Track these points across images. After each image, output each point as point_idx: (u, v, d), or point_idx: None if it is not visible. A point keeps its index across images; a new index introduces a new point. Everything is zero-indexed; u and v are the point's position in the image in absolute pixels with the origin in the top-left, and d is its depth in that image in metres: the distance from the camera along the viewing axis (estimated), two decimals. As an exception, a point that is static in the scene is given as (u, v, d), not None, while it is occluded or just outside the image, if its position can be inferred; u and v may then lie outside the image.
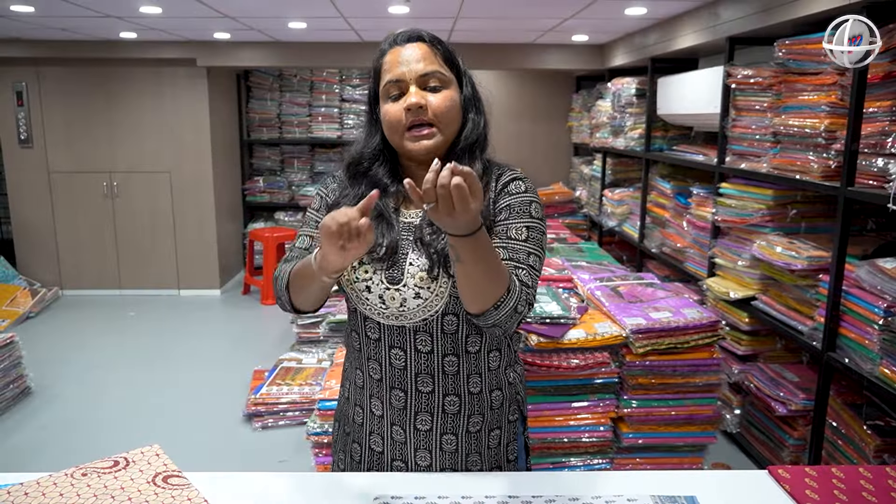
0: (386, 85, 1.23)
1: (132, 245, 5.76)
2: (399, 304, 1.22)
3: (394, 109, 1.22)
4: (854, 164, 2.26)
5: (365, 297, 1.24)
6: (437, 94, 1.22)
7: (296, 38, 5.02)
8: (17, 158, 5.56)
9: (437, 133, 1.22)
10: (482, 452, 1.32)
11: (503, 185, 1.28)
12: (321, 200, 1.34)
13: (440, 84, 1.23)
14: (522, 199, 1.26)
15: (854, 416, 2.42)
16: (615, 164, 5.02)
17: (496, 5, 3.62)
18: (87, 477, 1.15)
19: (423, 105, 1.20)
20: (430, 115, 1.21)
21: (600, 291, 2.66)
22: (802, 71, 2.59)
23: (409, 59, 1.22)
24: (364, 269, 1.24)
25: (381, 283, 1.23)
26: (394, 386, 1.27)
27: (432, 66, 1.22)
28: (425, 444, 1.29)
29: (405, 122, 1.21)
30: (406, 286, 1.22)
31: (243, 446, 3.25)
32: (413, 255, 1.24)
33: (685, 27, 3.63)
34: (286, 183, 6.58)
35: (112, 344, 4.64)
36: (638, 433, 2.37)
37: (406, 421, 1.28)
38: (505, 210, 1.25)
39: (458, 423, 1.29)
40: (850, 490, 1.20)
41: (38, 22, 4.21)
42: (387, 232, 1.25)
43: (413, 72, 1.21)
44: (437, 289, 1.22)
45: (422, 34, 1.25)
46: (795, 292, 2.66)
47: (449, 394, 1.27)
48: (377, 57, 1.28)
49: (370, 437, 1.32)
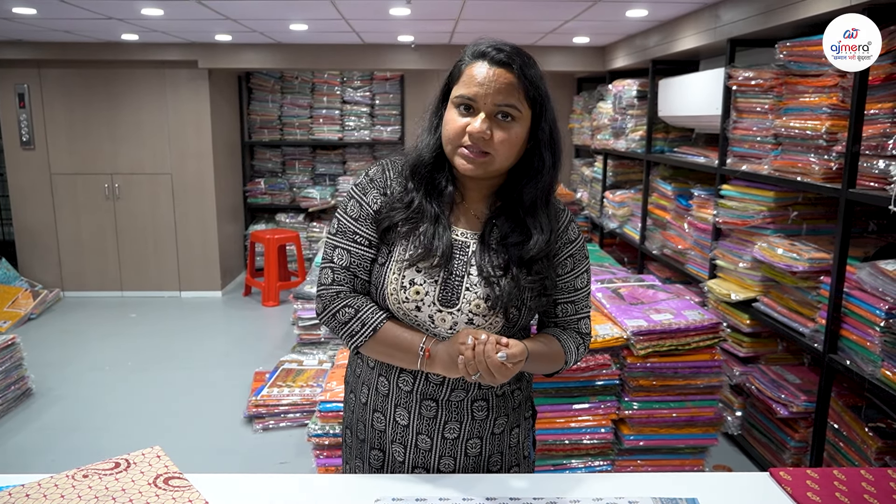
0: (458, 96, 1.18)
1: (133, 247, 5.77)
2: (450, 325, 1.21)
3: (457, 123, 1.17)
4: (855, 166, 2.26)
5: (414, 315, 1.22)
6: (503, 128, 1.17)
7: (297, 39, 5.03)
8: (18, 160, 5.57)
9: (489, 163, 1.18)
10: (503, 452, 1.34)
11: (562, 231, 1.29)
12: (360, 209, 1.25)
13: (512, 119, 1.17)
14: (580, 246, 1.32)
15: (855, 418, 2.42)
16: (616, 165, 5.01)
17: (497, 7, 3.62)
18: (89, 478, 1.15)
19: (485, 137, 1.16)
20: (489, 145, 1.17)
21: (601, 293, 2.66)
22: (803, 73, 2.59)
23: (489, 83, 1.15)
24: (415, 289, 1.21)
25: (434, 305, 1.21)
26: (426, 397, 1.26)
27: (509, 100, 1.16)
28: (451, 452, 1.29)
29: (462, 141, 1.17)
30: (460, 311, 1.21)
31: (244, 448, 3.25)
32: (470, 279, 1.22)
33: (686, 29, 3.63)
34: (287, 185, 6.58)
35: (113, 346, 4.64)
36: (639, 435, 2.37)
37: (434, 430, 1.27)
38: (569, 261, 1.30)
39: (484, 427, 1.30)
40: (852, 492, 1.20)
41: (40, 24, 4.22)
42: (441, 237, 1.21)
43: (490, 100, 1.15)
44: (492, 318, 1.22)
45: (513, 62, 1.17)
46: (797, 294, 2.66)
47: (478, 399, 1.28)
48: (460, 61, 1.22)
49: (392, 447, 1.30)
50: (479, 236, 1.25)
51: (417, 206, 1.22)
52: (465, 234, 1.25)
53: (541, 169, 1.22)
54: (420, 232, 1.21)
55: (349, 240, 1.25)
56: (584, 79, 6.11)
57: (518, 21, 4.05)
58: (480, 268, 1.21)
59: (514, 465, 1.36)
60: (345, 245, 1.25)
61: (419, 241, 1.21)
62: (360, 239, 1.25)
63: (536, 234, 1.22)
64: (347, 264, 1.24)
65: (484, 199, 1.28)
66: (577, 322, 1.33)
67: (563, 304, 1.32)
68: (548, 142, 1.22)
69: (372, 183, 1.27)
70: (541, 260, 1.22)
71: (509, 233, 1.23)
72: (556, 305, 1.32)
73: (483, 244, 1.23)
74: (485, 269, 1.21)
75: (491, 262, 1.21)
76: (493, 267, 1.21)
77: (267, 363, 4.10)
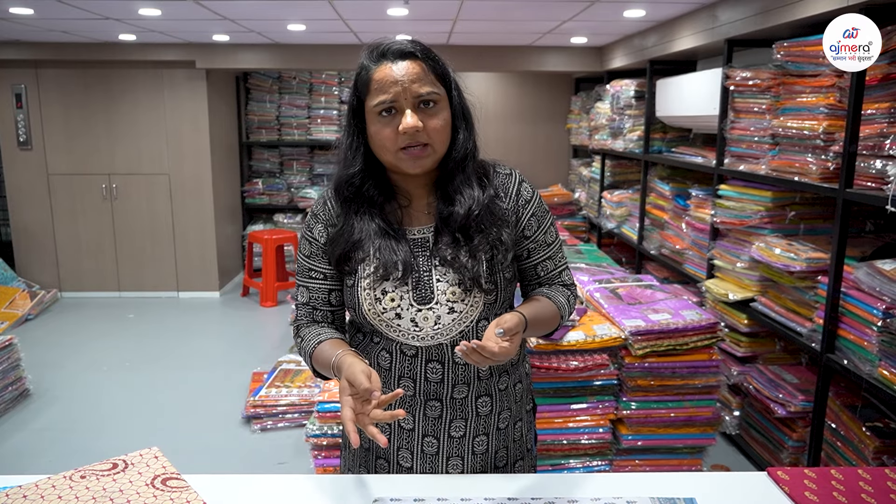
0: (377, 104, 1.17)
1: (131, 247, 5.76)
2: (433, 322, 1.21)
3: (387, 131, 1.17)
4: (852, 166, 2.27)
5: (396, 324, 1.22)
6: (432, 115, 1.18)
7: (295, 40, 5.02)
8: (16, 160, 5.56)
9: (432, 153, 1.20)
10: (508, 447, 1.35)
11: (515, 193, 1.29)
12: (310, 246, 1.29)
13: (435, 104, 1.18)
14: (538, 202, 1.32)
15: (853, 417, 2.42)
16: (614, 165, 5.02)
17: (495, 8, 3.63)
18: (86, 479, 1.15)
19: (420, 129, 1.16)
20: (425, 136, 1.17)
21: (599, 293, 2.66)
22: (801, 73, 2.60)
23: (403, 79, 1.15)
24: (389, 297, 1.21)
25: (412, 307, 1.21)
26: (430, 398, 1.25)
27: (428, 87, 1.17)
28: (458, 451, 1.29)
29: (399, 144, 1.17)
30: (438, 303, 1.21)
31: (242, 448, 3.25)
32: (437, 272, 1.22)
33: (684, 29, 3.63)
34: (285, 185, 6.58)
35: (111, 346, 4.64)
36: (637, 435, 2.37)
37: (440, 430, 1.27)
38: (533, 220, 1.30)
39: (489, 422, 1.30)
40: (850, 491, 1.20)
41: (38, 24, 4.21)
42: (398, 249, 1.22)
43: (409, 93, 1.15)
44: (471, 300, 1.22)
45: (413, 50, 1.19)
46: (794, 294, 2.67)
47: (482, 395, 1.28)
48: (362, 70, 1.21)
49: (398, 453, 1.30)
50: (433, 228, 1.25)
51: (358, 228, 1.23)
52: (422, 231, 1.26)
53: (457, 140, 1.24)
54: (375, 249, 1.22)
55: (306, 277, 1.31)
56: (582, 79, 6.11)
57: (515, 21, 4.06)
58: (443, 256, 1.22)
59: (518, 460, 1.37)
60: (303, 283, 1.32)
61: (377, 260, 1.21)
62: (315, 274, 1.30)
63: (459, 200, 1.22)
64: (307, 300, 1.31)
65: (428, 195, 1.28)
66: (559, 275, 1.35)
67: (542, 262, 1.33)
68: (460, 113, 1.25)
69: (315, 218, 1.30)
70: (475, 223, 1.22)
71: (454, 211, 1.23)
72: (536, 266, 1.33)
73: (438, 234, 1.24)
74: (448, 256, 1.21)
75: (453, 245, 1.22)
76: (447, 248, 1.22)
77: (265, 363, 4.10)
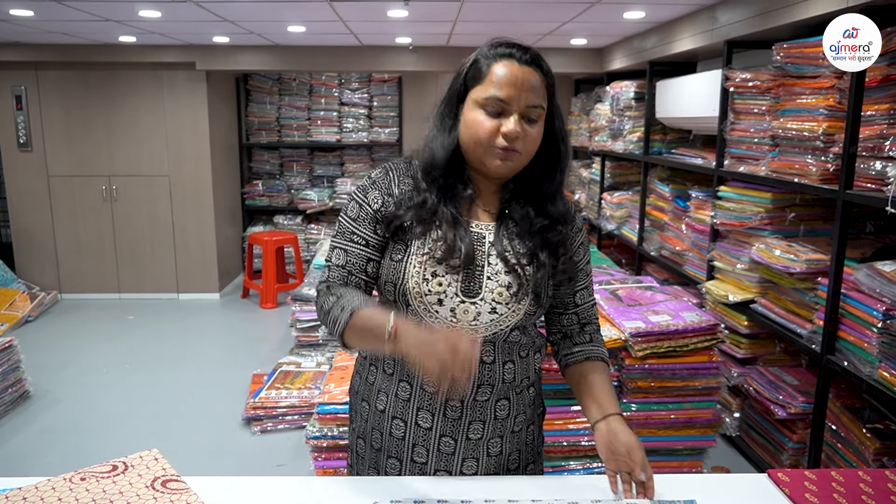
0: (488, 97, 1.17)
1: (131, 249, 5.76)
2: (472, 317, 1.21)
3: (489, 124, 1.17)
4: (852, 167, 2.27)
5: (435, 309, 1.21)
6: (532, 126, 1.19)
7: (295, 41, 5.03)
8: (16, 162, 5.56)
9: (519, 161, 1.21)
10: (521, 450, 1.35)
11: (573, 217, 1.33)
12: (360, 209, 1.26)
13: (537, 118, 1.20)
14: (585, 232, 1.38)
15: (853, 419, 2.42)
16: (614, 167, 5.02)
17: (495, 9, 3.63)
18: (86, 481, 1.15)
19: (520, 137, 1.17)
20: (521, 144, 1.18)
21: (599, 295, 2.66)
22: (800, 74, 2.60)
23: (523, 84, 1.16)
24: (438, 281, 1.20)
25: (457, 296, 1.21)
26: (451, 396, 1.25)
27: (539, 100, 1.18)
28: (473, 453, 1.29)
29: (496, 143, 1.17)
30: (483, 300, 1.21)
31: (242, 450, 3.24)
32: (491, 269, 1.22)
33: (683, 31, 3.63)
34: (285, 186, 6.58)
35: (111, 348, 4.64)
36: (637, 436, 2.36)
37: (459, 431, 1.27)
38: (581, 249, 1.36)
39: (505, 426, 1.30)
40: (850, 493, 1.20)
41: (38, 26, 4.21)
42: (463, 238, 1.21)
43: (522, 100, 1.16)
44: (514, 306, 1.22)
45: (542, 61, 1.20)
46: (794, 295, 2.66)
47: (501, 398, 1.28)
48: (483, 59, 1.20)
49: (413, 450, 1.29)
50: (494, 227, 1.27)
51: (430, 206, 1.22)
52: (480, 226, 1.27)
53: (558, 159, 1.26)
54: (441, 234, 1.21)
55: (347, 239, 1.26)
56: (582, 80, 6.11)
57: (516, 23, 4.06)
58: (503, 257, 1.23)
59: (530, 463, 1.38)
60: (342, 245, 1.27)
61: (442, 242, 1.20)
62: (357, 238, 1.25)
63: (560, 221, 1.27)
64: (343, 263, 1.26)
65: (494, 194, 1.30)
66: (591, 307, 1.40)
67: (581, 291, 1.37)
68: (562, 134, 1.26)
69: (374, 184, 1.27)
70: (562, 244, 1.27)
71: (534, 221, 1.26)
72: (575, 294, 1.36)
73: (499, 234, 1.25)
74: (509, 258, 1.23)
75: (514, 249, 1.24)
76: (517, 254, 1.23)
77: (265, 365, 4.09)
